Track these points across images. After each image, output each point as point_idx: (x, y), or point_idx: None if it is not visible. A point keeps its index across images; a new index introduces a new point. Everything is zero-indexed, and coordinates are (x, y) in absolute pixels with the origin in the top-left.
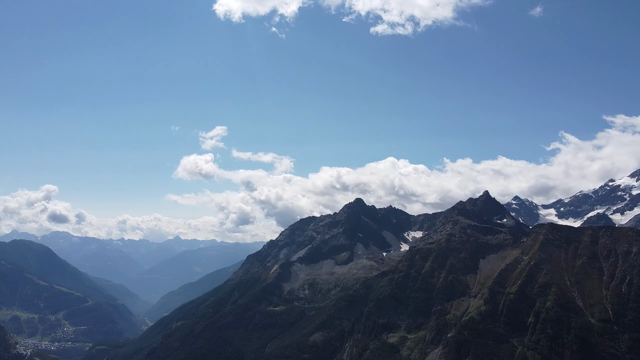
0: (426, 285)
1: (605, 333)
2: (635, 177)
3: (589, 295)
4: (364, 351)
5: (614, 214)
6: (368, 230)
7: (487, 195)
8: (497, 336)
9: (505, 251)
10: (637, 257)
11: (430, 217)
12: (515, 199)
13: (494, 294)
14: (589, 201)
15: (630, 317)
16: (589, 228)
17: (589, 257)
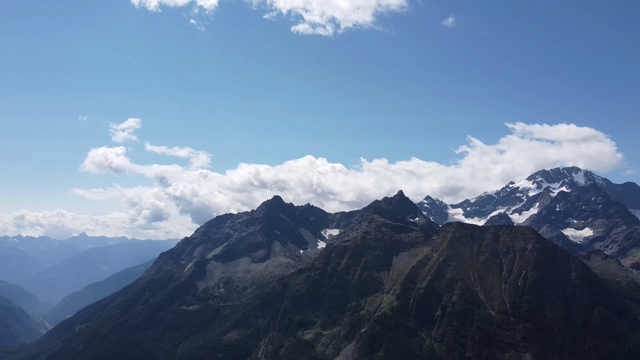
0: (342, 282)
1: (503, 324)
2: (532, 180)
3: (490, 289)
4: (279, 348)
5: (513, 213)
6: (286, 228)
7: (401, 195)
8: (407, 330)
9: (416, 248)
10: (531, 254)
11: (347, 215)
12: (427, 199)
13: (405, 289)
14: (492, 201)
15: (525, 309)
16: (491, 227)
17: (491, 254)
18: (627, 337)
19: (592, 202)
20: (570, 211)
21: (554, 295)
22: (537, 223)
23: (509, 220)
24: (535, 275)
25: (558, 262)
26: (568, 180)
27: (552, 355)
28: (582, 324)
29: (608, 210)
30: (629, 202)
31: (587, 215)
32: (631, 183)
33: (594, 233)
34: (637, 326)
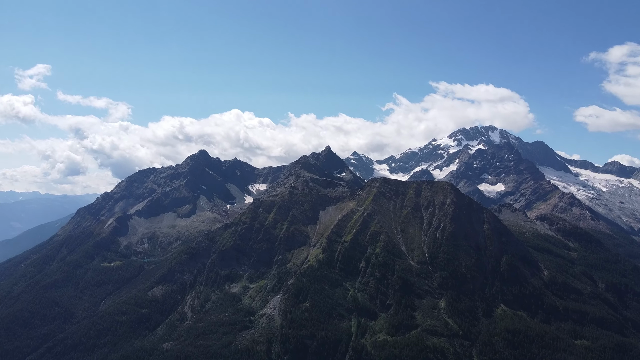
0: (269, 237)
1: (421, 273)
2: (453, 138)
3: (411, 241)
4: (205, 302)
5: (434, 169)
6: (212, 183)
7: (328, 150)
8: (332, 281)
9: (343, 203)
10: (450, 208)
11: (275, 170)
12: (354, 155)
13: (331, 242)
14: (415, 158)
15: (442, 259)
16: (414, 182)
17: (413, 208)
18: (528, 281)
19: (505, 160)
20: (485, 167)
21: (468, 246)
22: (456, 178)
23: (431, 175)
24: (452, 227)
25: (473, 215)
26: (485, 139)
27: (464, 300)
28: (491, 271)
29: (519, 167)
30: (537, 159)
31: (500, 171)
32: (540, 142)
33: (505, 188)
34: (537, 272)
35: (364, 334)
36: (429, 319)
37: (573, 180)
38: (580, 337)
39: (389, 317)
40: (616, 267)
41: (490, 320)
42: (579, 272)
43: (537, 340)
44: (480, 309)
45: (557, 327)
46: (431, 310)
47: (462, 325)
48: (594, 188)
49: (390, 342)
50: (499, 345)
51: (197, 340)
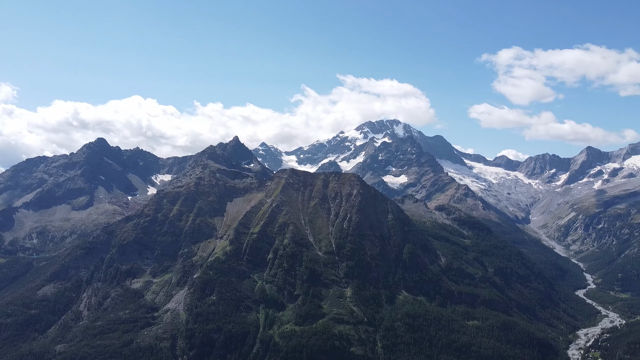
0: (174, 229)
1: (329, 263)
2: (359, 130)
3: (319, 231)
4: (104, 300)
5: (342, 161)
6: (111, 173)
7: (236, 141)
8: (240, 273)
9: (251, 194)
10: (356, 199)
11: (180, 160)
12: (262, 145)
13: (239, 234)
14: (323, 149)
15: (348, 249)
16: (322, 173)
17: (321, 199)
18: (428, 268)
19: (408, 152)
20: (390, 160)
21: (373, 236)
22: (362, 170)
23: (338, 167)
24: (358, 218)
25: (378, 205)
26: (390, 132)
27: (369, 288)
28: (394, 259)
29: (420, 160)
30: (437, 153)
31: (403, 164)
32: (439, 136)
33: (408, 180)
34: (436, 259)
35: (271, 325)
36: (336, 308)
37: (468, 173)
38: (472, 318)
39: (297, 308)
40: (503, 252)
41: (393, 306)
42: (471, 258)
43: (435, 323)
44: (384, 296)
45: (453, 310)
46: (338, 299)
47: (367, 312)
48: (486, 180)
49: (298, 332)
50: (401, 329)
51: (94, 340)
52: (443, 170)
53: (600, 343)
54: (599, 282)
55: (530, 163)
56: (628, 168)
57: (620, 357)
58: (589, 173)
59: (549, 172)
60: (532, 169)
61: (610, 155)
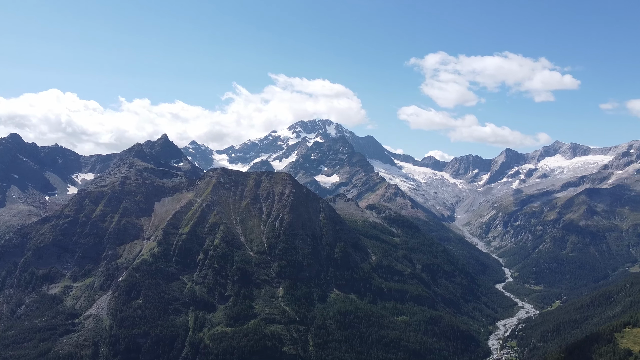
0: (97, 230)
1: (260, 263)
2: (292, 130)
3: (250, 231)
4: (18, 307)
5: (274, 160)
6: (26, 171)
7: (165, 139)
8: (168, 275)
9: (180, 194)
10: (288, 198)
11: (104, 158)
12: (192, 144)
13: (167, 235)
14: (255, 149)
15: (280, 248)
16: (254, 173)
17: (253, 198)
18: (359, 266)
19: (340, 152)
20: (322, 159)
21: (305, 235)
22: (295, 170)
23: (270, 166)
24: (290, 217)
25: (310, 205)
26: (322, 132)
27: (301, 287)
28: (326, 258)
29: (351, 159)
30: (368, 153)
31: (335, 163)
32: (370, 137)
33: (339, 179)
34: (367, 257)
35: (201, 328)
36: (268, 308)
37: (397, 173)
38: (401, 313)
39: (228, 309)
40: (430, 249)
41: (325, 304)
42: (401, 255)
43: (365, 320)
44: (316, 294)
45: (382, 306)
46: (269, 299)
47: (299, 312)
48: (414, 180)
49: (229, 333)
50: (332, 327)
51: (6, 350)
52: (374, 170)
53: (517, 333)
54: (516, 276)
55: (455, 163)
56: (542, 169)
57: (534, 345)
58: (507, 173)
59: (472, 172)
60: (457, 169)
61: (527, 156)
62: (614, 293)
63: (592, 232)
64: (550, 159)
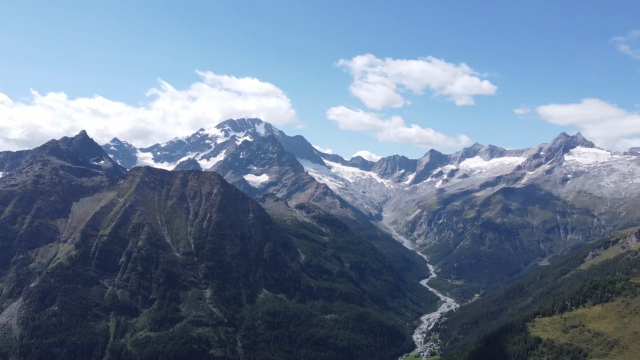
0: (6, 233)
1: (187, 264)
2: (220, 128)
3: (177, 232)
4: None
5: (202, 159)
6: None
7: (84, 135)
8: (87, 279)
9: (101, 193)
10: (216, 198)
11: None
12: (114, 141)
13: (86, 237)
14: (182, 147)
15: (208, 249)
16: (180, 172)
17: (179, 198)
18: (288, 266)
19: (269, 151)
20: (251, 159)
21: (233, 235)
22: (223, 169)
23: (198, 165)
24: (218, 217)
25: (239, 204)
26: (251, 131)
27: (229, 288)
28: (255, 258)
29: (281, 159)
30: (297, 152)
31: (264, 162)
32: (300, 136)
33: (269, 178)
34: (296, 256)
35: (123, 334)
36: (195, 310)
37: (327, 172)
38: (330, 311)
39: (152, 313)
40: (358, 248)
41: (254, 305)
42: (330, 254)
43: (295, 319)
44: (245, 295)
45: (312, 305)
46: (197, 301)
47: (227, 313)
48: (343, 179)
49: (153, 338)
50: (261, 327)
51: None
52: (303, 169)
53: (440, 326)
54: (439, 272)
55: (382, 164)
56: (462, 169)
57: (455, 337)
58: (431, 173)
59: (398, 172)
60: (384, 169)
61: (449, 157)
62: (525, 285)
63: (507, 229)
64: (471, 160)
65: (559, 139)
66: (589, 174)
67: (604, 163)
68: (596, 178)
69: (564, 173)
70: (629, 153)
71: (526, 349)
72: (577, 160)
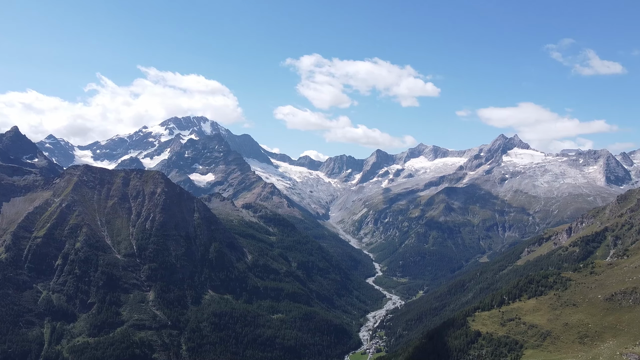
0: None
1: (129, 266)
2: (164, 126)
3: (118, 233)
4: None
5: (145, 158)
6: None
7: (16, 131)
8: (19, 284)
9: (35, 193)
10: (160, 197)
11: None
12: (49, 138)
13: (18, 239)
14: (124, 145)
15: (151, 250)
16: (122, 170)
17: (120, 198)
18: (235, 266)
19: (215, 150)
20: (197, 157)
21: (178, 235)
22: (168, 168)
23: (141, 164)
24: (162, 217)
25: (184, 204)
26: (197, 129)
27: (174, 289)
28: (200, 258)
29: (228, 158)
30: (244, 151)
31: (210, 162)
32: (247, 135)
33: (215, 178)
34: (242, 256)
35: (59, 340)
36: (137, 313)
37: (274, 172)
38: (277, 311)
39: (91, 318)
40: (305, 247)
41: (199, 307)
42: (277, 254)
43: (241, 320)
44: (190, 297)
45: (258, 305)
46: (139, 304)
47: (171, 316)
48: (291, 179)
49: (92, 344)
50: (207, 329)
51: None
52: (250, 168)
53: (385, 323)
54: (385, 270)
55: (330, 163)
56: (408, 169)
57: (400, 334)
58: (378, 173)
59: (346, 172)
60: (331, 169)
61: (395, 157)
62: (467, 281)
63: (450, 227)
64: (416, 160)
65: (498, 141)
66: (525, 174)
67: (539, 164)
68: (531, 178)
69: (502, 173)
70: (560, 155)
71: (467, 343)
72: (514, 161)
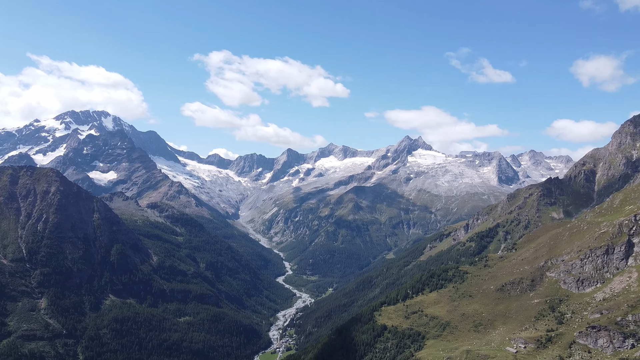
0: None
1: (17, 272)
2: (60, 120)
3: (4, 236)
4: None
5: (37, 154)
6: None
7: None
8: None
9: None
10: (55, 197)
11: None
12: None
13: None
14: (12, 139)
15: (44, 254)
16: (9, 168)
17: (7, 197)
18: (138, 268)
19: (118, 147)
20: (97, 154)
21: (75, 237)
22: (63, 165)
23: (32, 161)
24: (57, 218)
25: (82, 204)
26: (97, 124)
27: (70, 295)
28: (100, 261)
29: (131, 155)
30: (149, 149)
31: (112, 159)
32: (152, 132)
33: (117, 176)
34: (147, 258)
35: None
36: (26, 323)
37: (181, 170)
38: (184, 314)
39: None
40: (214, 247)
41: (99, 313)
42: (184, 255)
43: (145, 325)
44: (88, 302)
45: (164, 308)
46: (29, 313)
47: (67, 324)
48: (199, 177)
49: None
50: (107, 337)
51: None
52: (156, 166)
53: (295, 321)
54: (295, 268)
55: (240, 162)
56: (318, 169)
57: (309, 331)
58: (288, 172)
59: (256, 170)
60: (241, 168)
61: (306, 157)
62: (374, 277)
63: (359, 225)
64: (326, 160)
65: (404, 142)
66: (428, 174)
67: (440, 164)
68: (434, 178)
69: (407, 173)
70: (459, 156)
71: (374, 337)
72: (419, 162)
